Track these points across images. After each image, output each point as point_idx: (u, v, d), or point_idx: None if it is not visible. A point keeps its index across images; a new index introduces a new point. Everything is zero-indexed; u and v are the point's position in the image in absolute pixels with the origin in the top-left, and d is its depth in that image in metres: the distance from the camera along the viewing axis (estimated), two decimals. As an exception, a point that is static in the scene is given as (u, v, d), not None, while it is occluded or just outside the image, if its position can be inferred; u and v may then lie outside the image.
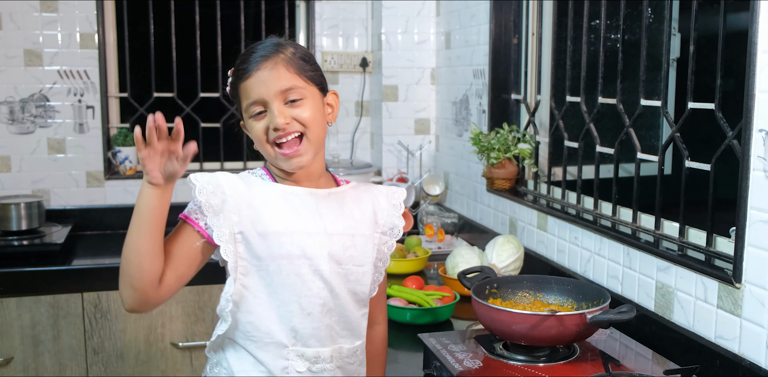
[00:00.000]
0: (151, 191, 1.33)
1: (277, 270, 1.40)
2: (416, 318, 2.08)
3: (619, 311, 1.56)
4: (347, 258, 1.46)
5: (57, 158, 3.24)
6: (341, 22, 3.53)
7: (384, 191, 1.58)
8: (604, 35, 2.21)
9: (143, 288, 1.35)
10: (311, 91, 1.44)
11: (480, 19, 2.89)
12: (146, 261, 1.34)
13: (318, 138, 1.44)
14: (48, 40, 3.18)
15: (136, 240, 1.33)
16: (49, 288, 2.67)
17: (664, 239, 1.90)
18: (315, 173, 1.49)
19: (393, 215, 1.56)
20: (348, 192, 1.52)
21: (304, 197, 1.45)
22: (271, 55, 1.42)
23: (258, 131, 1.41)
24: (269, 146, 1.41)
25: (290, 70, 1.41)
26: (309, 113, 1.41)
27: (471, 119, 3.01)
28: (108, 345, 2.74)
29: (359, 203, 1.51)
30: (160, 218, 1.35)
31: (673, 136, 1.91)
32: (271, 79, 1.40)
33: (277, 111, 1.39)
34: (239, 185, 1.42)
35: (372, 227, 1.52)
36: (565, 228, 2.32)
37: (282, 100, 1.40)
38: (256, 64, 1.41)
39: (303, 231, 1.41)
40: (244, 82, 1.42)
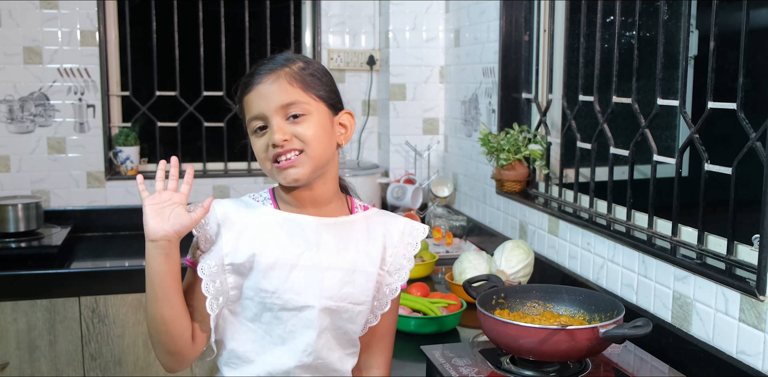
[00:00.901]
0: (156, 253, 1.26)
1: (262, 303, 1.33)
2: (421, 327, 2.00)
3: (635, 325, 1.46)
4: (343, 295, 1.37)
5: (57, 157, 3.19)
6: (348, 20, 3.46)
7: (402, 225, 1.47)
8: (619, 32, 2.13)
9: (179, 350, 1.32)
10: (317, 108, 1.35)
11: (490, 15, 2.80)
12: (174, 327, 1.30)
13: (319, 156, 1.34)
14: (48, 37, 3.12)
15: (156, 310, 1.29)
16: (45, 292, 2.62)
17: (682, 246, 1.81)
18: (322, 198, 1.40)
19: (403, 256, 1.45)
20: (358, 222, 1.42)
21: (305, 225, 1.37)
22: (276, 68, 1.35)
23: (258, 148, 1.35)
24: (269, 162, 1.34)
25: (294, 85, 1.33)
26: (311, 130, 1.32)
27: (480, 118, 2.93)
28: (106, 350, 2.68)
29: (368, 236, 1.42)
30: (174, 280, 1.29)
31: (691, 137, 1.82)
32: (272, 92, 1.32)
33: (276, 127, 1.31)
34: (234, 216, 1.35)
35: (377, 263, 1.41)
36: (577, 233, 2.23)
37: (282, 115, 1.32)
38: (260, 77, 1.34)
39: (294, 264, 1.34)
40: (247, 96, 1.36)
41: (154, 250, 1.26)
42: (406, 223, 1.47)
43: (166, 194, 1.29)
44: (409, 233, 1.46)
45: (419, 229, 1.48)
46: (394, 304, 1.48)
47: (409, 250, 1.45)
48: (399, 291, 1.46)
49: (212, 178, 3.37)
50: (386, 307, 1.45)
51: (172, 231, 1.26)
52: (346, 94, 3.50)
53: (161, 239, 1.25)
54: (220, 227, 1.34)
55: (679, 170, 1.88)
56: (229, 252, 1.32)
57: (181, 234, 1.28)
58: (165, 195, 1.29)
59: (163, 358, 1.33)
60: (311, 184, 1.37)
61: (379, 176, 3.31)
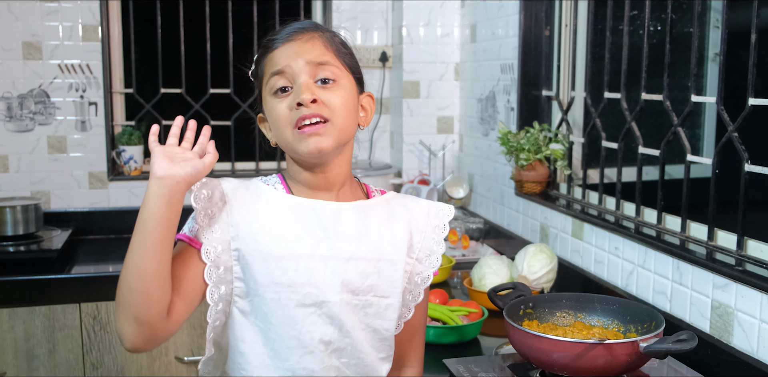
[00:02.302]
0: (159, 193, 1.11)
1: (276, 299, 1.18)
2: (440, 336, 1.89)
3: (678, 339, 1.35)
4: (366, 288, 1.23)
5: (57, 157, 3.08)
6: (360, 15, 3.37)
7: (426, 207, 1.34)
8: (648, 27, 2.03)
9: (150, 320, 1.11)
10: (347, 79, 1.24)
11: (509, 10, 2.71)
12: (153, 287, 1.11)
13: (345, 129, 1.22)
14: (48, 32, 3.01)
15: (140, 262, 1.10)
16: (44, 298, 2.51)
17: (719, 251, 1.71)
18: (336, 179, 1.27)
19: (432, 240, 1.32)
20: (378, 206, 1.29)
21: (320, 211, 1.23)
22: (308, 28, 1.24)
23: (279, 111, 1.20)
24: (290, 128, 1.19)
25: (328, 48, 1.23)
26: (341, 99, 1.21)
27: (498, 117, 2.82)
28: (108, 359, 2.58)
29: (391, 221, 1.29)
30: (169, 232, 1.13)
31: (730, 136, 1.72)
32: (305, 49, 1.21)
33: (304, 85, 1.19)
34: (243, 194, 1.22)
35: (404, 250, 1.28)
36: (603, 237, 2.12)
37: (312, 75, 1.20)
38: (290, 34, 1.23)
39: (312, 254, 1.20)
40: (272, 53, 1.23)
41: (158, 189, 1.11)
42: (430, 205, 1.35)
43: (179, 149, 1.17)
44: (435, 215, 1.33)
45: (444, 210, 1.35)
46: (426, 293, 1.35)
47: (437, 233, 1.32)
48: (431, 278, 1.33)
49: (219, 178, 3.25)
50: (420, 298, 1.32)
51: (182, 172, 1.12)
52: (357, 92, 3.40)
53: (168, 178, 1.11)
54: (226, 205, 1.20)
55: (716, 170, 1.78)
56: (236, 236, 1.19)
57: (190, 180, 1.14)
58: (178, 149, 1.17)
59: (127, 326, 1.11)
60: (327, 164, 1.24)
61: (392, 176, 3.22)
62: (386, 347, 1.28)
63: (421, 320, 1.38)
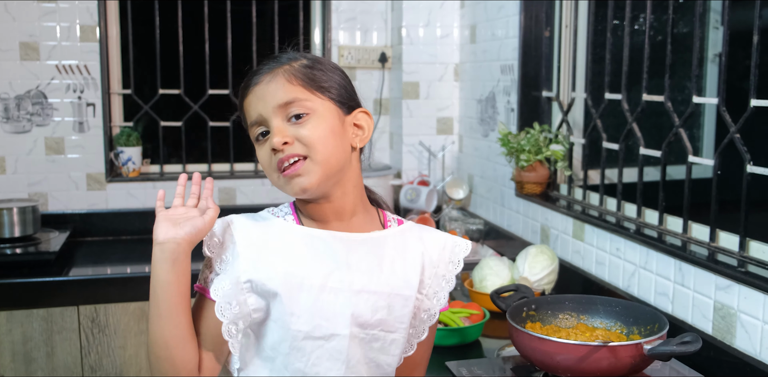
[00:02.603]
0: (162, 258, 1.13)
1: (285, 329, 1.16)
2: (442, 338, 1.88)
3: (683, 341, 1.34)
4: (376, 322, 1.20)
5: (55, 159, 3.06)
6: (359, 15, 3.35)
7: (442, 241, 1.30)
8: (649, 28, 2.02)
9: None
10: (324, 107, 1.20)
11: (509, 10, 2.70)
12: (178, 353, 1.14)
13: (327, 161, 1.18)
14: (46, 32, 3.00)
15: (160, 329, 1.13)
16: (42, 301, 2.50)
17: (721, 252, 1.70)
18: (344, 209, 1.23)
19: (443, 277, 1.28)
20: (392, 238, 1.26)
21: (331, 242, 1.21)
22: (275, 67, 1.21)
23: (262, 158, 1.20)
24: (275, 172, 1.19)
25: (293, 82, 1.19)
26: (316, 132, 1.17)
27: (498, 118, 2.81)
28: (106, 362, 2.56)
29: (405, 255, 1.25)
30: (181, 294, 1.14)
31: (732, 137, 1.71)
32: (269, 92, 1.19)
33: (276, 129, 1.17)
34: (252, 228, 1.21)
35: (415, 286, 1.24)
36: (604, 238, 2.11)
37: (282, 116, 1.18)
38: (257, 78, 1.21)
39: (323, 285, 1.17)
40: (245, 102, 1.22)
41: (160, 254, 1.13)
42: (447, 239, 1.30)
43: (183, 209, 1.19)
44: (451, 250, 1.29)
45: (462, 245, 1.30)
46: (431, 331, 1.32)
47: (450, 269, 1.29)
48: (437, 316, 1.30)
49: (218, 180, 3.25)
50: (423, 335, 1.29)
51: (182, 233, 1.14)
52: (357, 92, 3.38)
53: (168, 242, 1.13)
54: (236, 245, 1.19)
55: (718, 171, 1.77)
56: (247, 269, 1.17)
57: (193, 240, 1.14)
58: (181, 209, 1.19)
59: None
60: (328, 195, 1.21)
61: (392, 177, 3.20)
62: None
63: (424, 356, 1.35)
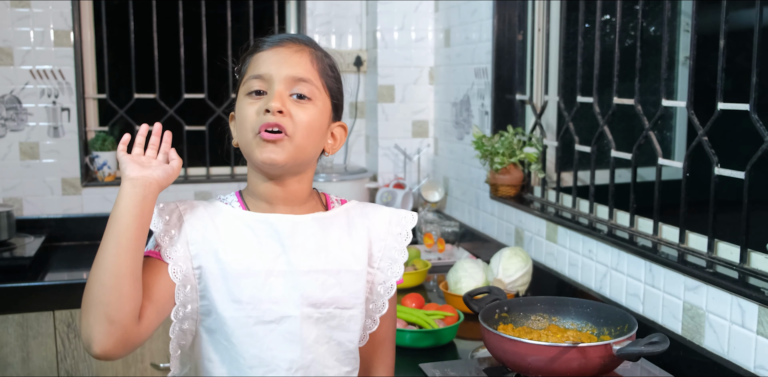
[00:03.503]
0: (133, 192, 1.11)
1: (235, 317, 1.17)
2: (416, 341, 1.89)
3: (651, 341, 1.37)
4: (329, 300, 1.21)
5: (30, 163, 3.05)
6: (334, 19, 3.36)
7: (387, 215, 1.32)
8: (620, 31, 2.05)
9: (123, 320, 1.07)
10: (323, 101, 1.23)
11: (482, 14, 2.72)
12: (127, 284, 1.08)
13: (303, 149, 1.20)
14: (20, 37, 2.98)
15: (114, 258, 1.08)
16: (17, 306, 2.48)
17: (690, 253, 1.73)
18: (296, 197, 1.25)
19: (394, 248, 1.30)
20: (337, 217, 1.28)
21: (277, 225, 1.22)
22: (302, 40, 1.23)
23: (247, 113, 1.19)
24: (251, 132, 1.18)
25: (314, 65, 1.21)
26: (309, 118, 1.19)
27: (473, 121, 2.83)
28: (83, 367, 2.55)
29: (350, 231, 1.27)
30: (142, 231, 1.12)
31: (700, 139, 1.74)
32: (291, 60, 1.20)
33: (278, 94, 1.18)
34: (201, 213, 1.22)
35: (365, 260, 1.26)
36: (577, 240, 2.14)
37: (289, 88, 1.19)
38: (281, 40, 1.22)
39: (270, 270, 1.19)
40: (258, 54, 1.22)
41: (131, 189, 1.12)
42: (391, 212, 1.32)
43: (145, 157, 1.19)
44: (397, 223, 1.30)
45: (407, 217, 1.31)
46: (392, 304, 1.33)
47: (399, 241, 1.30)
48: (395, 288, 1.30)
49: (194, 183, 3.25)
50: (384, 309, 1.30)
51: (155, 174, 1.15)
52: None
53: (141, 178, 1.13)
54: (185, 224, 1.20)
55: (687, 174, 1.80)
56: (197, 254, 1.18)
57: (162, 184, 1.15)
58: (144, 157, 1.19)
59: (97, 327, 1.06)
60: (284, 179, 1.23)
61: (368, 180, 3.21)
62: (351, 360, 1.27)
63: (388, 331, 1.35)
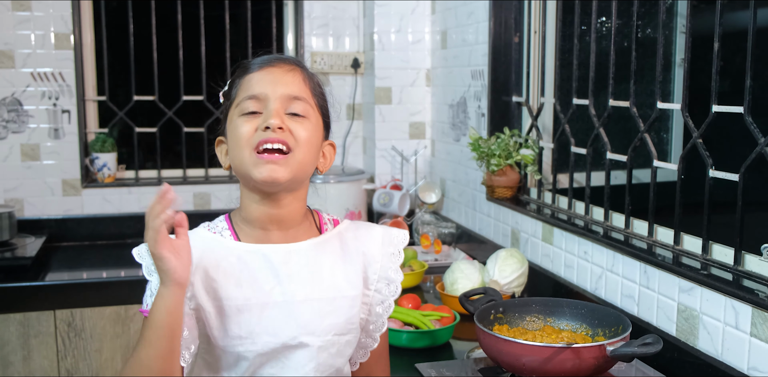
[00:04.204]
0: (181, 299, 1.08)
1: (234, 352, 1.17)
2: (413, 341, 1.91)
3: (644, 342, 1.39)
4: (326, 328, 1.22)
5: (31, 165, 3.07)
6: (331, 21, 3.37)
7: (379, 235, 1.31)
8: (615, 33, 2.06)
9: None
10: (316, 118, 1.23)
11: (478, 16, 2.73)
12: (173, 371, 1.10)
13: (304, 165, 1.19)
14: (21, 40, 3.00)
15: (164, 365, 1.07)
16: (19, 305, 2.50)
17: (685, 255, 1.74)
18: (289, 217, 1.24)
19: (389, 268, 1.30)
20: (330, 242, 1.27)
21: (270, 256, 1.21)
22: (292, 60, 1.24)
23: (242, 131, 1.17)
24: (249, 149, 1.16)
25: (307, 84, 1.22)
26: (307, 133, 1.19)
27: (469, 122, 2.85)
28: (83, 365, 2.57)
29: (344, 256, 1.27)
30: (179, 327, 1.09)
31: (694, 142, 1.75)
32: (286, 80, 1.20)
33: (275, 112, 1.16)
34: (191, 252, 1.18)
35: (360, 284, 1.27)
36: (573, 241, 2.15)
37: (284, 107, 1.18)
38: (271, 61, 1.22)
39: (266, 303, 1.18)
40: (250, 75, 1.21)
41: (181, 296, 1.08)
42: (383, 232, 1.32)
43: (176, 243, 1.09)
44: (389, 243, 1.31)
45: (399, 236, 1.32)
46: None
47: (393, 261, 1.30)
48: (393, 306, 1.32)
49: (192, 185, 3.26)
50: (384, 327, 1.32)
51: (188, 270, 1.09)
52: (330, 97, 3.41)
53: (185, 281, 1.08)
54: None
55: (681, 176, 1.81)
56: (192, 296, 1.17)
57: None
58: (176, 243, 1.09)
59: None
60: (280, 199, 1.21)
61: (365, 182, 3.23)
62: None
63: (384, 345, 1.37)
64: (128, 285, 2.59)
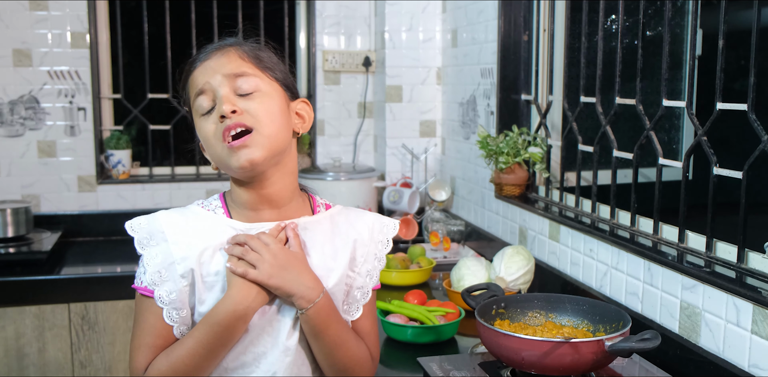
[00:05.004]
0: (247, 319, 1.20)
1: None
2: (417, 336, 1.93)
3: (642, 338, 1.40)
4: None
5: (47, 161, 3.12)
6: (343, 20, 3.40)
7: (370, 222, 1.33)
8: (622, 32, 2.06)
9: None
10: (272, 87, 1.23)
11: (488, 15, 2.74)
12: None
13: (275, 136, 1.19)
14: (38, 39, 3.06)
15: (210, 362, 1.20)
16: (34, 298, 2.56)
17: (689, 253, 1.75)
18: (280, 195, 1.25)
19: (374, 256, 1.32)
20: (320, 223, 1.29)
21: None
22: (224, 45, 1.24)
23: (206, 131, 1.19)
24: (220, 143, 1.18)
25: (244, 58, 1.22)
26: (262, 106, 1.19)
27: (478, 120, 2.86)
28: (96, 358, 2.62)
29: (334, 236, 1.29)
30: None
31: (699, 139, 1.76)
32: (220, 64, 1.21)
33: (224, 97, 1.17)
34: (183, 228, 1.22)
35: (345, 263, 1.28)
36: (579, 239, 2.16)
37: (231, 88, 1.19)
38: (205, 54, 1.23)
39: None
40: (192, 74, 1.23)
41: (247, 316, 1.20)
42: (374, 220, 1.33)
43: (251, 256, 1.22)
44: (379, 230, 1.33)
45: (389, 225, 1.34)
46: (370, 308, 1.34)
47: (380, 248, 1.32)
48: (370, 294, 1.32)
49: (205, 182, 3.30)
50: (357, 313, 1.31)
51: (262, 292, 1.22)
52: (342, 95, 3.44)
53: (261, 303, 1.22)
54: (168, 244, 1.21)
55: (686, 173, 1.82)
56: (184, 274, 1.20)
57: None
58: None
59: None
60: (266, 178, 1.22)
61: (375, 179, 3.25)
62: None
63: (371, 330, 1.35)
64: (141, 280, 2.63)
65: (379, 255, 1.32)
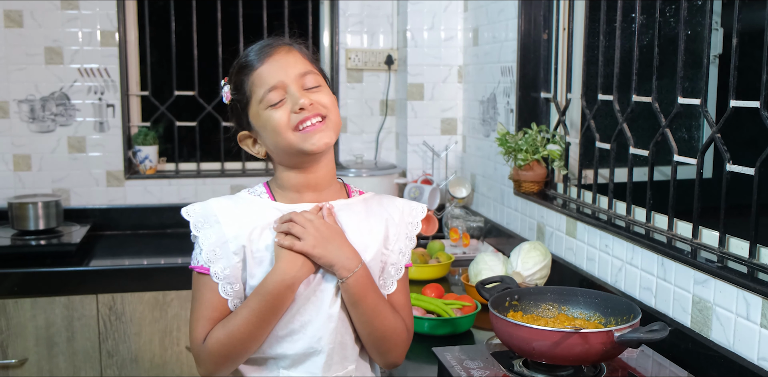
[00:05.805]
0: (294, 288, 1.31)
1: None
2: (434, 328, 1.98)
3: (651, 329, 1.43)
4: None
5: (77, 157, 3.20)
6: (366, 19, 3.45)
7: (401, 205, 1.46)
8: (639, 30, 2.08)
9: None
10: (324, 85, 1.39)
11: (508, 14, 2.77)
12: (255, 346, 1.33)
13: (338, 124, 1.36)
14: (69, 37, 3.14)
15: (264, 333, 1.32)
16: (64, 289, 2.64)
17: (703, 249, 1.77)
18: (323, 180, 1.40)
19: (406, 235, 1.44)
20: (356, 205, 1.42)
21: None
22: (281, 43, 1.37)
23: (278, 120, 1.31)
24: (291, 131, 1.31)
25: (306, 57, 1.37)
26: (329, 98, 1.35)
27: (498, 118, 2.89)
28: (122, 348, 2.69)
29: (368, 216, 1.41)
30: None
31: (713, 137, 1.78)
32: (289, 62, 1.34)
33: (299, 92, 1.32)
34: (233, 211, 1.35)
35: (380, 240, 1.40)
36: (595, 235, 2.19)
37: (300, 85, 1.33)
38: (267, 52, 1.35)
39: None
40: (257, 72, 1.34)
41: (294, 286, 1.30)
42: (404, 203, 1.46)
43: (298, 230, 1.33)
44: (409, 213, 1.45)
45: (418, 209, 1.47)
46: (403, 283, 1.45)
47: (410, 229, 1.44)
48: (404, 270, 1.44)
49: (230, 177, 3.37)
50: (392, 287, 1.42)
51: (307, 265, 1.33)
52: (364, 93, 3.48)
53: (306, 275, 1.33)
54: (221, 225, 1.33)
55: (701, 170, 1.83)
56: (237, 251, 1.32)
57: None
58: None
59: (224, 372, 1.34)
60: (319, 161, 1.36)
61: (397, 176, 3.29)
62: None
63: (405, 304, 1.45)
64: (167, 272, 2.71)
65: (410, 235, 1.44)
